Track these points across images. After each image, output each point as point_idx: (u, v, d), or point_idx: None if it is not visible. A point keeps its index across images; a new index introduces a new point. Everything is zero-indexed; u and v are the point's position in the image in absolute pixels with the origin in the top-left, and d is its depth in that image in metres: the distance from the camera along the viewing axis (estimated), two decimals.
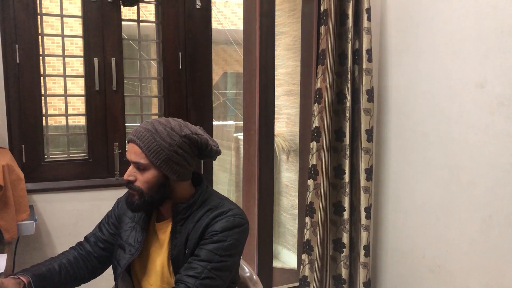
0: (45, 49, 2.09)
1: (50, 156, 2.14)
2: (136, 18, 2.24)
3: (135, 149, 1.32)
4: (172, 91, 2.26)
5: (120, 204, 1.55)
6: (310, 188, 2.47)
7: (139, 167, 1.34)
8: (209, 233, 1.33)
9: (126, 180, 1.35)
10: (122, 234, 1.47)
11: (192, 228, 1.37)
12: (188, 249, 1.36)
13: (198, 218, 1.38)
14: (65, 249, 1.60)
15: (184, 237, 1.38)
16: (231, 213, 1.36)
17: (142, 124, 1.35)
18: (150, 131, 1.32)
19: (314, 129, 2.44)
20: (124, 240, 1.46)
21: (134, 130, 1.35)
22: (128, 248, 1.43)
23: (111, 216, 1.55)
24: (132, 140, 1.33)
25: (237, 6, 7.22)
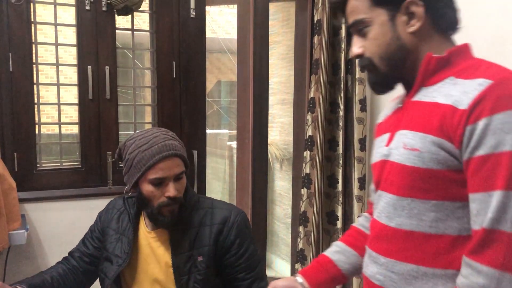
0: (38, 57, 2.09)
1: (42, 164, 2.13)
2: (130, 27, 2.24)
3: (178, 162, 1.37)
4: (165, 100, 2.27)
5: (102, 217, 1.56)
6: (303, 197, 2.47)
7: (180, 177, 1.39)
8: (231, 244, 1.43)
9: (176, 196, 1.36)
10: (108, 246, 1.48)
11: (197, 234, 1.42)
12: (203, 256, 1.41)
13: (199, 222, 1.44)
14: (57, 259, 1.59)
15: (188, 243, 1.41)
16: (233, 216, 1.46)
17: (163, 138, 1.37)
18: (176, 140, 1.39)
19: (308, 138, 2.44)
20: (110, 252, 1.46)
21: (166, 146, 1.35)
22: (116, 260, 1.44)
23: (94, 231, 1.55)
24: (176, 154, 1.36)
25: (231, 15, 7.26)
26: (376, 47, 1.01)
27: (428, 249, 0.94)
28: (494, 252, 0.84)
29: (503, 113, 0.83)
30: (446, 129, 0.90)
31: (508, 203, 0.83)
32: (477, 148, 0.86)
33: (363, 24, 1.01)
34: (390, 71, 1.02)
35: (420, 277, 0.95)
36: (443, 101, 0.92)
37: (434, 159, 0.91)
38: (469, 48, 1.01)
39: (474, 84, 0.88)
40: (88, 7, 2.07)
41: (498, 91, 0.85)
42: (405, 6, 0.97)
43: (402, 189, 0.97)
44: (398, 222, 0.98)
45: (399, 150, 0.98)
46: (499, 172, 0.83)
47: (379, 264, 1.02)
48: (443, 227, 0.93)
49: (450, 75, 0.96)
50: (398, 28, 0.98)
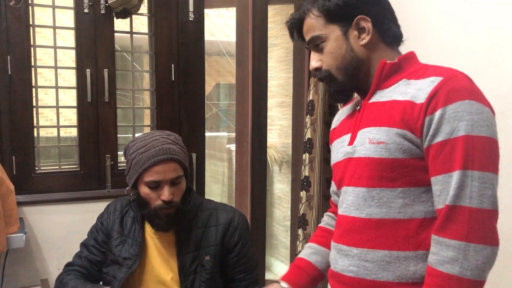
0: (37, 60, 2.08)
1: (41, 167, 2.12)
2: (129, 30, 2.24)
3: (174, 166, 1.37)
4: (164, 103, 2.26)
5: (104, 221, 1.54)
6: (302, 200, 2.47)
7: (176, 181, 1.39)
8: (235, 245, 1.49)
9: (169, 200, 1.37)
10: (113, 249, 1.48)
11: (203, 234, 1.46)
12: (210, 256, 1.44)
13: (205, 222, 1.48)
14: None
15: (194, 244, 1.44)
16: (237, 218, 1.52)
17: (161, 142, 1.37)
18: (176, 144, 1.40)
19: (307, 140, 2.44)
20: (117, 255, 1.46)
21: (163, 149, 1.36)
22: (125, 262, 1.44)
23: (97, 237, 1.54)
24: (173, 158, 1.36)
25: (230, 17, 7.27)
26: (333, 59, 1.11)
27: (399, 234, 1.02)
28: (458, 225, 0.93)
29: (455, 104, 0.96)
30: (407, 121, 1.00)
31: (465, 181, 0.94)
32: (436, 136, 0.97)
33: (319, 39, 1.12)
34: (347, 80, 1.12)
35: (393, 262, 1.03)
36: (401, 98, 1.04)
37: (399, 149, 1.01)
38: (415, 55, 1.15)
39: (427, 82, 1.01)
40: (86, 10, 2.07)
41: (448, 86, 0.98)
42: (356, 22, 1.09)
43: (371, 181, 1.05)
44: (369, 212, 1.05)
45: (364, 145, 1.06)
46: (456, 154, 0.94)
47: (351, 256, 1.08)
48: (411, 212, 1.02)
49: (403, 77, 1.08)
50: (351, 42, 1.10)
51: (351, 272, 1.08)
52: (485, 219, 0.93)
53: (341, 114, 1.29)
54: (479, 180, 0.93)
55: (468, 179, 0.93)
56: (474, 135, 0.94)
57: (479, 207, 0.92)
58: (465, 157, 0.93)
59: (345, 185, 1.13)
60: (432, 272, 0.96)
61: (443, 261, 0.93)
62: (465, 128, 0.94)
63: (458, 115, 0.95)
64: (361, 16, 1.08)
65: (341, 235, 1.12)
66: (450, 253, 0.93)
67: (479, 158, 0.94)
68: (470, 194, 0.93)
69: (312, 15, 1.11)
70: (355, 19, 1.08)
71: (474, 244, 0.91)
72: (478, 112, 0.95)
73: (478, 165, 0.93)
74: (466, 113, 0.95)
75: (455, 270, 0.92)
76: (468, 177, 0.93)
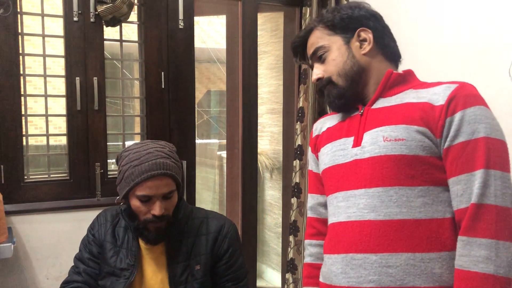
0: (26, 68, 2.07)
1: (30, 176, 2.11)
2: (119, 38, 2.24)
3: (167, 181, 1.35)
4: (154, 110, 2.26)
5: (96, 233, 1.51)
6: (293, 207, 2.47)
7: (168, 196, 1.38)
8: (224, 253, 1.48)
9: (162, 215, 1.35)
10: (109, 260, 1.45)
11: (193, 243, 1.45)
12: (201, 265, 1.44)
13: (195, 231, 1.47)
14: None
15: (184, 253, 1.43)
16: (227, 226, 1.51)
17: (155, 156, 1.34)
18: (170, 157, 1.37)
19: (297, 147, 2.45)
20: (113, 266, 1.44)
21: (157, 164, 1.33)
22: (122, 273, 1.42)
23: (91, 249, 1.51)
24: (166, 174, 1.34)
25: (220, 25, 7.29)
26: (334, 66, 1.15)
27: (421, 234, 1.00)
28: (487, 224, 0.94)
29: (473, 107, 1.00)
30: (427, 120, 1.02)
31: (489, 179, 0.96)
32: (457, 136, 0.99)
33: (322, 49, 1.17)
34: (347, 85, 1.15)
35: (418, 264, 0.99)
36: (416, 100, 1.06)
37: (420, 146, 1.02)
38: (414, 73, 1.19)
39: (442, 87, 1.05)
40: (76, 18, 2.07)
41: (465, 91, 1.02)
42: (358, 33, 1.15)
43: (388, 179, 1.02)
44: (388, 213, 1.01)
45: (378, 144, 1.06)
46: (478, 154, 0.97)
47: (369, 264, 1.01)
48: (431, 211, 1.01)
49: (409, 88, 1.12)
50: (353, 50, 1.15)
51: (371, 282, 1.00)
52: (509, 217, 0.94)
53: (324, 122, 1.28)
54: (501, 179, 0.96)
55: (491, 177, 0.95)
56: (492, 137, 0.98)
57: (504, 205, 0.94)
58: (488, 156, 0.96)
59: (349, 188, 1.08)
60: (465, 275, 0.94)
61: (477, 261, 0.93)
62: (484, 130, 0.98)
63: (478, 118, 0.99)
64: (363, 28, 1.15)
65: (350, 243, 1.05)
66: (483, 252, 0.93)
67: (499, 159, 0.97)
68: (494, 193, 0.95)
69: (317, 30, 1.19)
70: (357, 30, 1.15)
71: (503, 242, 0.93)
72: (492, 117, 1.01)
73: (499, 165, 0.97)
74: (483, 117, 0.99)
75: (490, 269, 0.92)
76: (491, 176, 0.96)
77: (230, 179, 2.74)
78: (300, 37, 1.23)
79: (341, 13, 1.17)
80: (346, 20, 1.16)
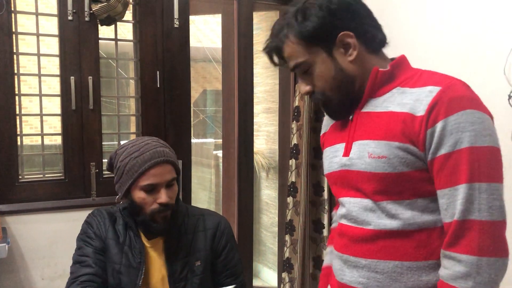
0: (21, 67, 2.06)
1: (24, 176, 2.09)
2: (114, 37, 2.23)
3: (169, 168, 1.38)
4: (150, 110, 2.25)
5: (96, 229, 1.46)
6: (289, 206, 2.47)
7: (171, 184, 1.40)
8: (223, 249, 1.51)
9: (167, 203, 1.36)
10: (114, 258, 1.42)
11: (192, 240, 1.47)
12: (201, 261, 1.45)
13: (193, 228, 1.49)
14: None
15: (183, 250, 1.44)
16: (223, 222, 1.54)
17: (154, 145, 1.38)
18: (167, 147, 1.41)
19: (293, 146, 2.45)
20: (120, 263, 1.41)
21: (158, 152, 1.36)
22: (129, 271, 1.40)
23: (95, 244, 1.44)
24: (168, 161, 1.37)
25: (216, 24, 7.27)
26: (324, 82, 1.07)
27: (409, 244, 1.00)
28: (469, 240, 0.91)
29: (456, 114, 0.93)
30: (409, 134, 0.97)
31: (473, 194, 0.91)
32: (439, 149, 0.94)
33: (305, 65, 1.07)
34: (343, 97, 1.08)
35: (405, 272, 1.00)
36: (399, 110, 1.00)
37: (403, 163, 0.98)
38: (406, 59, 1.11)
39: (425, 92, 0.98)
40: (70, 17, 2.06)
41: (448, 95, 0.95)
42: (339, 39, 1.04)
43: (376, 195, 1.02)
44: (378, 224, 1.02)
45: (364, 159, 1.03)
46: (461, 167, 0.92)
47: (360, 268, 1.05)
48: (421, 222, 0.99)
49: (396, 85, 1.05)
50: (339, 61, 1.05)
51: (360, 284, 1.05)
52: (495, 231, 0.91)
53: (329, 118, 1.25)
54: (487, 192, 0.91)
55: (475, 192, 0.91)
56: (478, 146, 0.92)
57: (489, 219, 0.91)
58: (471, 169, 0.91)
59: (345, 196, 1.10)
60: (444, 287, 0.94)
61: (456, 277, 0.92)
62: (468, 139, 0.92)
63: (461, 126, 0.92)
64: (343, 33, 1.03)
65: (347, 245, 1.09)
66: (463, 269, 0.91)
67: (485, 170, 0.92)
68: (479, 207, 0.91)
69: (290, 42, 1.06)
70: (337, 36, 1.03)
71: (487, 258, 0.90)
72: (479, 121, 0.93)
73: (485, 177, 0.91)
74: (468, 123, 0.92)
75: (468, 285, 0.90)
76: (475, 190, 0.91)
77: (226, 179, 2.74)
78: (272, 47, 1.11)
79: (313, 21, 1.03)
80: (321, 29, 1.03)
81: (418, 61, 2.11)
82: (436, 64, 2.04)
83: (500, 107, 1.71)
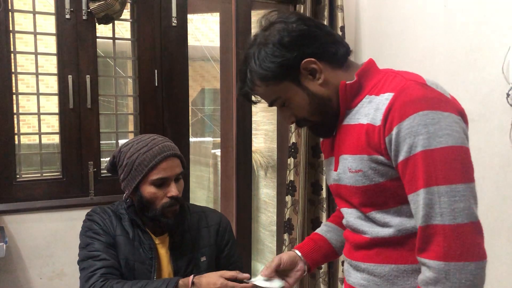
0: (18, 66, 2.06)
1: (22, 175, 2.09)
2: (112, 36, 2.22)
3: (177, 162, 1.41)
4: (148, 108, 2.25)
5: (103, 226, 1.43)
6: (288, 204, 2.47)
7: (179, 178, 1.43)
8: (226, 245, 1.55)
9: (177, 196, 1.39)
10: (127, 254, 1.41)
11: (196, 236, 1.50)
12: (206, 256, 1.48)
13: (197, 224, 1.52)
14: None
15: (189, 246, 1.47)
16: (224, 219, 1.58)
17: (161, 140, 1.42)
18: (172, 142, 1.44)
19: (291, 145, 2.45)
20: (133, 259, 1.41)
21: (166, 146, 1.39)
22: (144, 266, 1.41)
23: (104, 239, 1.41)
24: (175, 154, 1.40)
25: (214, 23, 7.27)
26: (302, 110, 1.08)
27: (403, 248, 1.02)
28: (435, 245, 0.90)
29: (408, 119, 0.92)
30: (373, 145, 0.99)
31: (432, 198, 0.90)
32: (398, 155, 0.95)
33: (280, 100, 1.08)
34: (325, 118, 1.10)
35: (401, 275, 1.03)
36: (364, 121, 1.01)
37: (377, 174, 0.99)
38: (373, 63, 1.10)
39: (382, 100, 0.98)
40: (68, 16, 2.05)
41: (400, 100, 0.94)
42: (303, 67, 1.03)
43: (363, 207, 1.06)
44: (372, 232, 1.05)
45: (346, 174, 1.06)
46: (418, 172, 0.91)
47: (361, 271, 1.10)
48: (411, 227, 1.00)
49: (366, 94, 1.05)
50: (309, 87, 1.05)
51: (362, 286, 1.09)
52: (462, 235, 0.88)
53: None
54: (447, 195, 0.88)
55: (435, 196, 0.89)
56: (432, 148, 0.90)
57: (452, 223, 0.88)
58: (427, 173, 0.90)
59: (343, 207, 1.14)
60: None
61: (427, 282, 0.92)
62: (422, 142, 0.90)
63: (413, 130, 0.91)
64: (305, 61, 1.02)
65: (349, 250, 1.15)
66: (432, 274, 0.90)
67: (442, 172, 0.89)
68: (440, 211, 0.89)
69: (257, 86, 1.07)
70: (300, 66, 1.03)
71: (454, 263, 0.88)
72: (434, 122, 0.90)
73: (443, 179, 0.89)
74: (421, 126, 0.90)
75: None
76: (434, 194, 0.89)
77: (225, 177, 2.74)
78: (244, 94, 1.11)
79: (272, 61, 1.02)
80: (281, 66, 1.02)
81: (416, 61, 2.12)
82: (434, 63, 2.04)
83: (498, 105, 1.71)
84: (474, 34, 1.83)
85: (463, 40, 1.88)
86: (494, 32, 1.75)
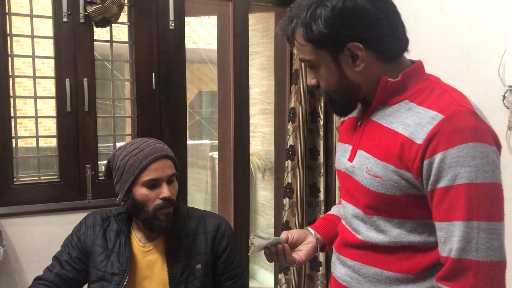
0: (15, 69, 2.06)
1: (19, 179, 2.09)
2: (109, 39, 2.23)
3: (170, 163, 1.41)
4: (145, 111, 2.25)
5: (82, 235, 1.49)
6: (285, 207, 2.47)
7: (172, 179, 1.42)
8: (223, 251, 1.52)
9: (170, 197, 1.38)
10: (99, 265, 1.43)
11: (193, 242, 1.47)
12: (201, 264, 1.46)
13: (194, 231, 1.49)
14: (34, 275, 1.53)
15: (185, 253, 1.45)
16: (224, 224, 1.54)
17: (153, 142, 1.42)
18: (165, 145, 1.44)
19: (289, 147, 2.45)
20: (104, 271, 1.42)
21: (157, 148, 1.40)
22: (113, 278, 1.41)
23: (71, 252, 1.48)
24: (168, 156, 1.41)
25: (211, 25, 7.28)
26: (327, 84, 1.04)
27: (392, 256, 1.02)
28: (464, 280, 0.89)
29: (456, 148, 0.89)
30: (405, 160, 0.95)
31: (471, 233, 0.88)
32: (438, 181, 0.91)
33: (311, 63, 1.04)
34: (346, 101, 1.07)
35: (384, 281, 1.03)
36: (401, 131, 0.97)
37: (395, 187, 0.97)
38: (421, 67, 1.06)
39: (427, 117, 0.94)
40: (65, 19, 2.05)
41: (449, 127, 0.90)
42: (348, 48, 0.98)
43: (368, 209, 1.04)
44: (366, 235, 1.06)
45: (363, 173, 1.03)
46: (459, 204, 0.89)
47: (347, 267, 1.11)
48: (407, 241, 1.00)
49: (405, 98, 1.01)
50: (344, 69, 1.00)
51: (345, 281, 1.10)
52: (492, 272, 0.88)
53: None
54: (486, 232, 0.87)
55: (473, 231, 0.88)
56: (478, 182, 0.88)
57: (487, 260, 0.87)
58: (469, 207, 0.88)
59: (344, 199, 1.13)
60: None
61: None
62: (468, 175, 0.88)
63: (461, 160, 0.88)
64: (353, 44, 0.97)
65: (339, 244, 1.15)
66: None
67: (485, 208, 0.88)
68: (476, 247, 0.87)
69: (297, 39, 1.01)
70: (345, 45, 0.97)
71: None
72: (482, 155, 0.88)
73: (484, 215, 0.88)
74: (469, 158, 0.88)
75: None
76: (473, 229, 0.88)
77: (222, 180, 2.74)
78: (282, 35, 1.06)
79: (321, 26, 0.96)
80: (329, 36, 0.96)
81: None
82: (431, 64, 2.05)
83: (494, 107, 1.71)
84: (470, 36, 1.84)
85: (459, 42, 1.89)
86: (490, 35, 1.76)
